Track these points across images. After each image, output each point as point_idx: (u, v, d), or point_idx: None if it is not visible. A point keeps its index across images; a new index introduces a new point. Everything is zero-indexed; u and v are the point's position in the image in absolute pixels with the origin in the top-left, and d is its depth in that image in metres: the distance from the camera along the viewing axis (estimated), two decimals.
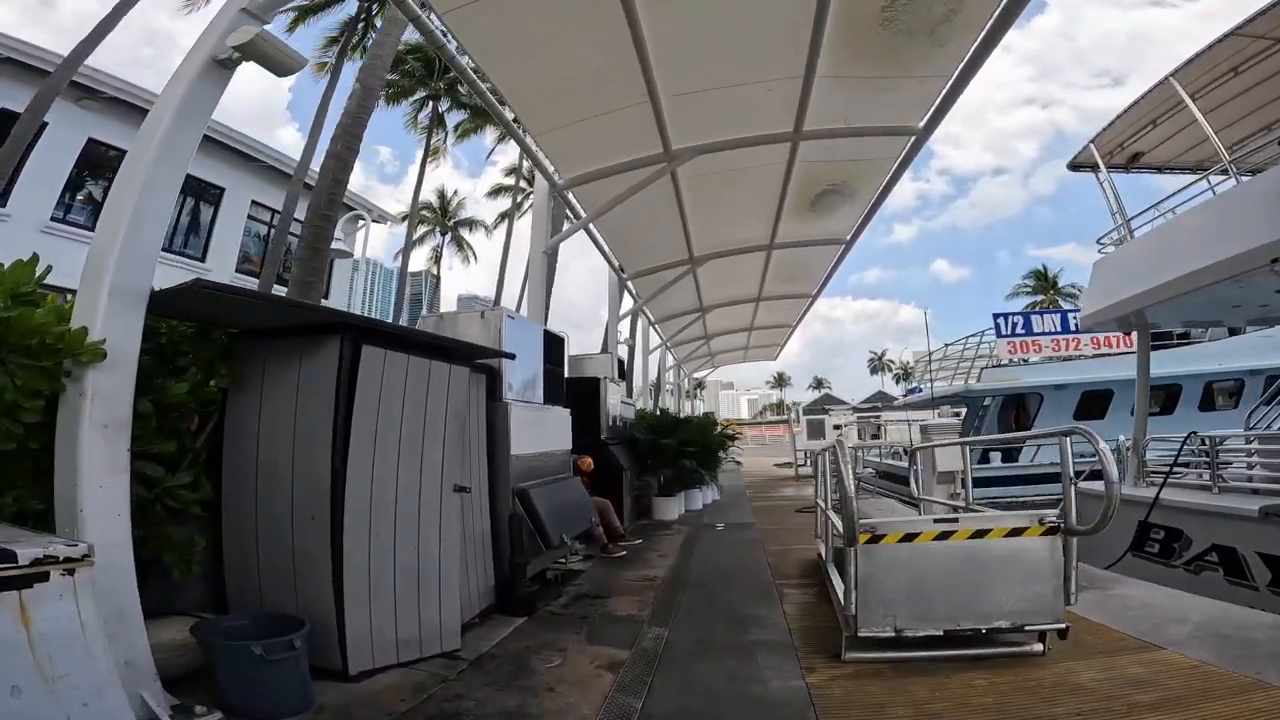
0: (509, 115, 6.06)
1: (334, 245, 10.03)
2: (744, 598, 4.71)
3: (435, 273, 37.41)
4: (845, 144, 6.53)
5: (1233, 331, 13.42)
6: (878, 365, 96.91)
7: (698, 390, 27.16)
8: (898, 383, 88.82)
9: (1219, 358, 13.97)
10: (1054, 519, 3.11)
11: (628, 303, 11.69)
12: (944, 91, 5.38)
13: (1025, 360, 15.55)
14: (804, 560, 5.97)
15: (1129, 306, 6.81)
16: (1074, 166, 8.67)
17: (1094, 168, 8.38)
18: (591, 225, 8.05)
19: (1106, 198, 8.17)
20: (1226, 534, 5.50)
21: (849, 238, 9.71)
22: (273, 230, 17.20)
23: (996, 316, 15.20)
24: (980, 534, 3.15)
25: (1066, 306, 29.02)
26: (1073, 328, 14.91)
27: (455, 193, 36.65)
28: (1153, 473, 7.07)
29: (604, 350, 9.99)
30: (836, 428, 20.55)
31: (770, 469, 21.42)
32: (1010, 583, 3.12)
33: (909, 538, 3.21)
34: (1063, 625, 3.07)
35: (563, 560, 5.62)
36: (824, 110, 5.78)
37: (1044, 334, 15.02)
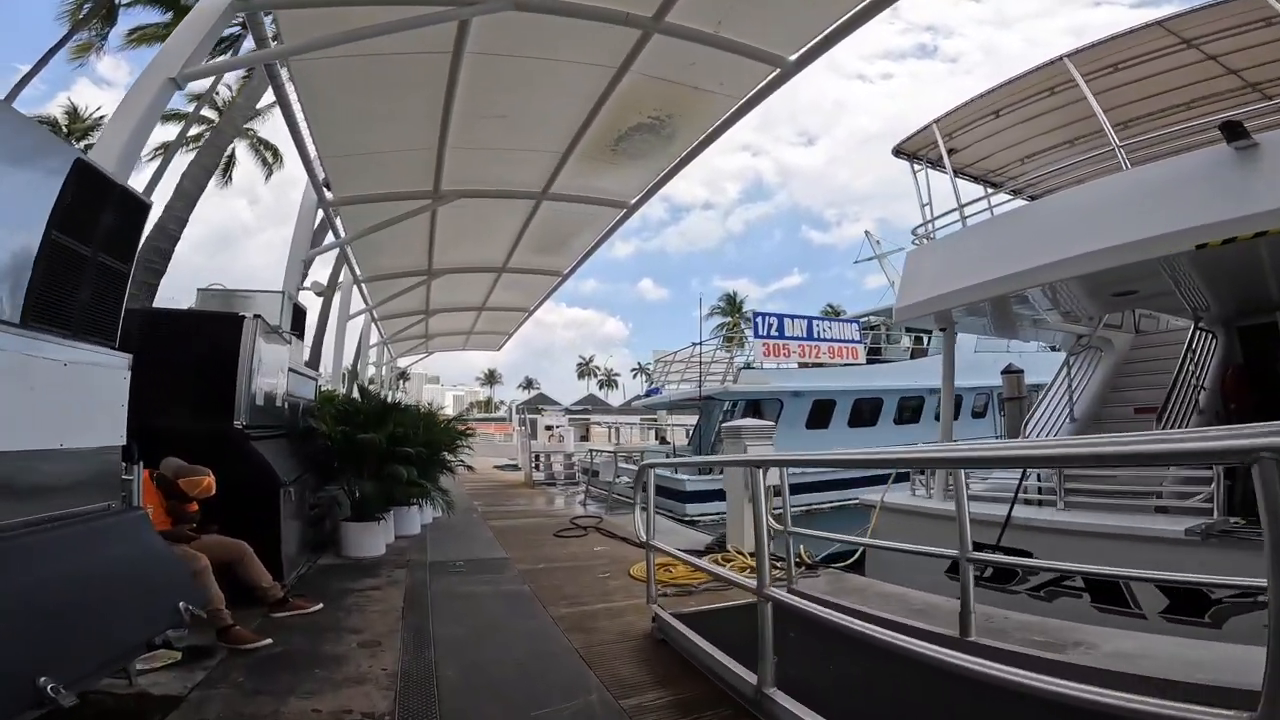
0: None
1: None
2: None
3: None
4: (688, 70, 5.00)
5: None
6: (585, 370, 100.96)
7: (401, 381, 23.09)
8: (601, 388, 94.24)
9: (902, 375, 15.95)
10: None
11: (330, 242, 8.39)
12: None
13: (778, 365, 15.29)
14: (630, 633, 3.72)
15: (935, 306, 6.46)
16: (897, 152, 9.01)
17: (913, 157, 8.85)
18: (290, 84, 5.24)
19: (918, 189, 8.58)
20: (1106, 556, 4.77)
21: (634, 201, 7.86)
22: None
23: (755, 315, 14.30)
24: None
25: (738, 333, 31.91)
26: (816, 335, 15.01)
27: (99, 109, 24.65)
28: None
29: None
30: (548, 428, 18.65)
31: (493, 472, 18.18)
32: None
33: None
34: None
35: (124, 678, 2.64)
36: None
37: (794, 338, 14.64)
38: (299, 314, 6.48)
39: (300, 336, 6.55)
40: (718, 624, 3.29)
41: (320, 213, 7.78)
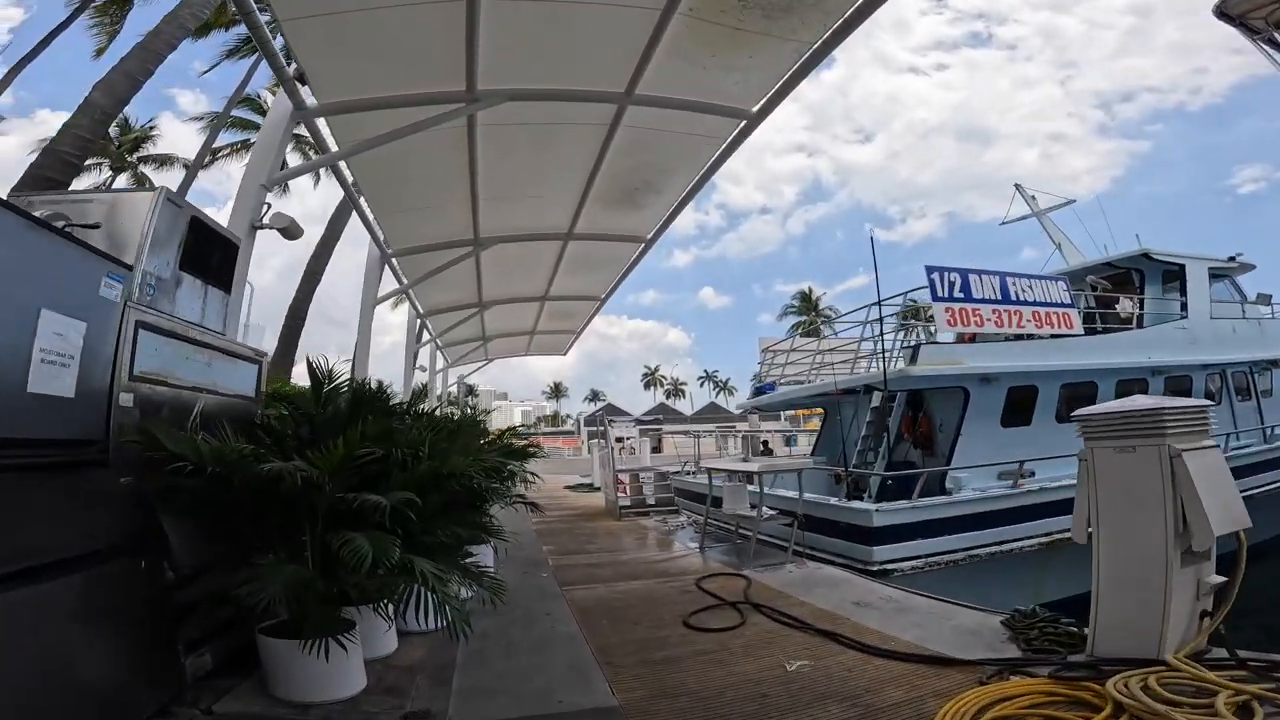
0: None
1: None
2: None
3: None
4: (665, 129, 5.98)
5: None
6: (651, 380, 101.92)
7: (469, 398, 24.37)
8: (669, 397, 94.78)
9: None
10: None
11: (389, 284, 9.65)
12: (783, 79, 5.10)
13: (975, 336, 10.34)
14: None
15: None
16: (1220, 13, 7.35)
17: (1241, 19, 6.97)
18: (348, 172, 6.87)
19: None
20: None
21: (650, 236, 8.94)
22: None
23: (930, 270, 9.28)
24: None
25: (830, 329, 25.19)
26: (1013, 296, 10.05)
27: (152, 123, 26.51)
28: None
29: None
30: (619, 440, 18.20)
31: (564, 495, 15.50)
32: None
33: None
34: None
35: None
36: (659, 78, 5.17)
37: (986, 301, 9.65)
38: (205, 240, 3.78)
39: (225, 287, 4.04)
40: None
41: (385, 267, 9.13)
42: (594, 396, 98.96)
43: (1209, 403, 3.00)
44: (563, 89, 5.29)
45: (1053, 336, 10.06)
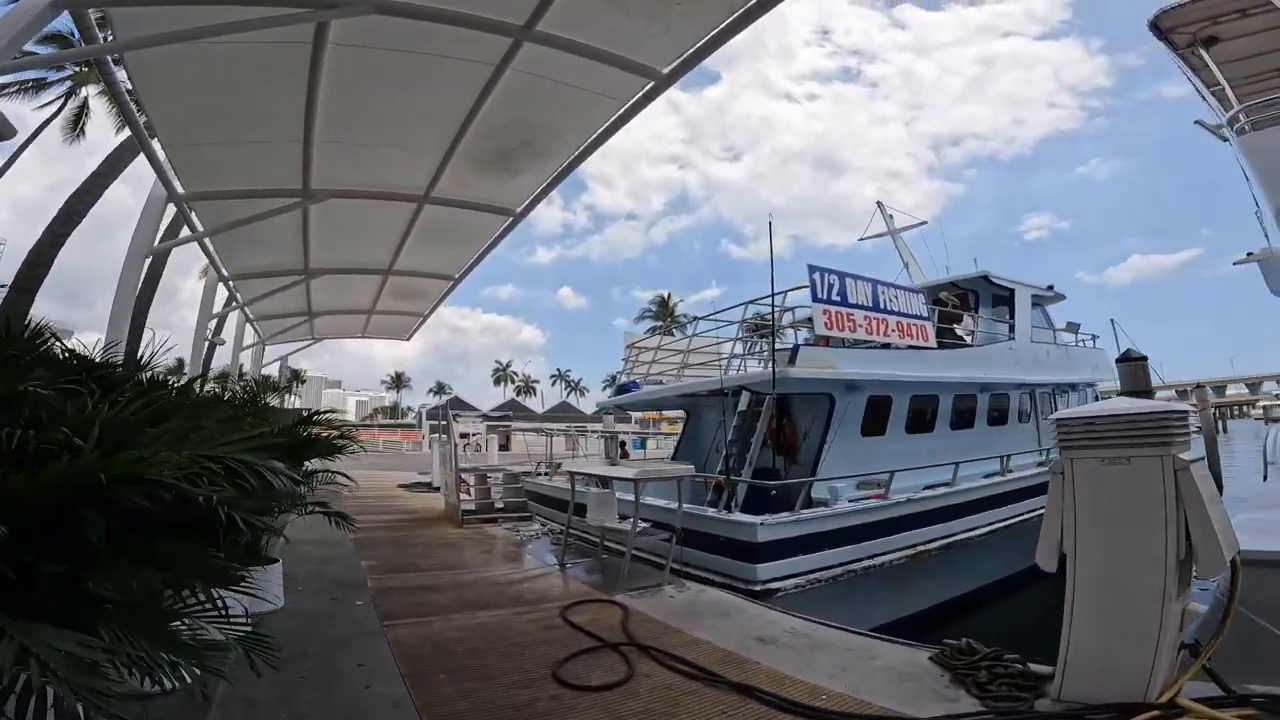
0: None
1: None
2: None
3: None
4: (561, 81, 4.93)
5: None
6: (502, 376, 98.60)
7: (295, 384, 21.26)
8: (520, 394, 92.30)
9: None
10: None
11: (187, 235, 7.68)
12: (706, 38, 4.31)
13: (844, 341, 9.71)
14: None
15: None
16: (1154, 27, 7.39)
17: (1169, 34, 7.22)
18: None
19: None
20: None
21: (520, 209, 7.73)
22: None
23: (813, 270, 8.84)
24: None
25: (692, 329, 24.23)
26: (883, 305, 9.67)
27: None
28: None
29: None
30: (464, 436, 16.77)
31: (396, 493, 14.34)
32: None
33: None
34: None
35: None
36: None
37: (859, 307, 9.25)
38: None
39: None
40: None
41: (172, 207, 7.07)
42: (440, 389, 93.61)
43: (1188, 407, 2.57)
44: (449, 9, 4.06)
45: (910, 348, 10.32)
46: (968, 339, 12.37)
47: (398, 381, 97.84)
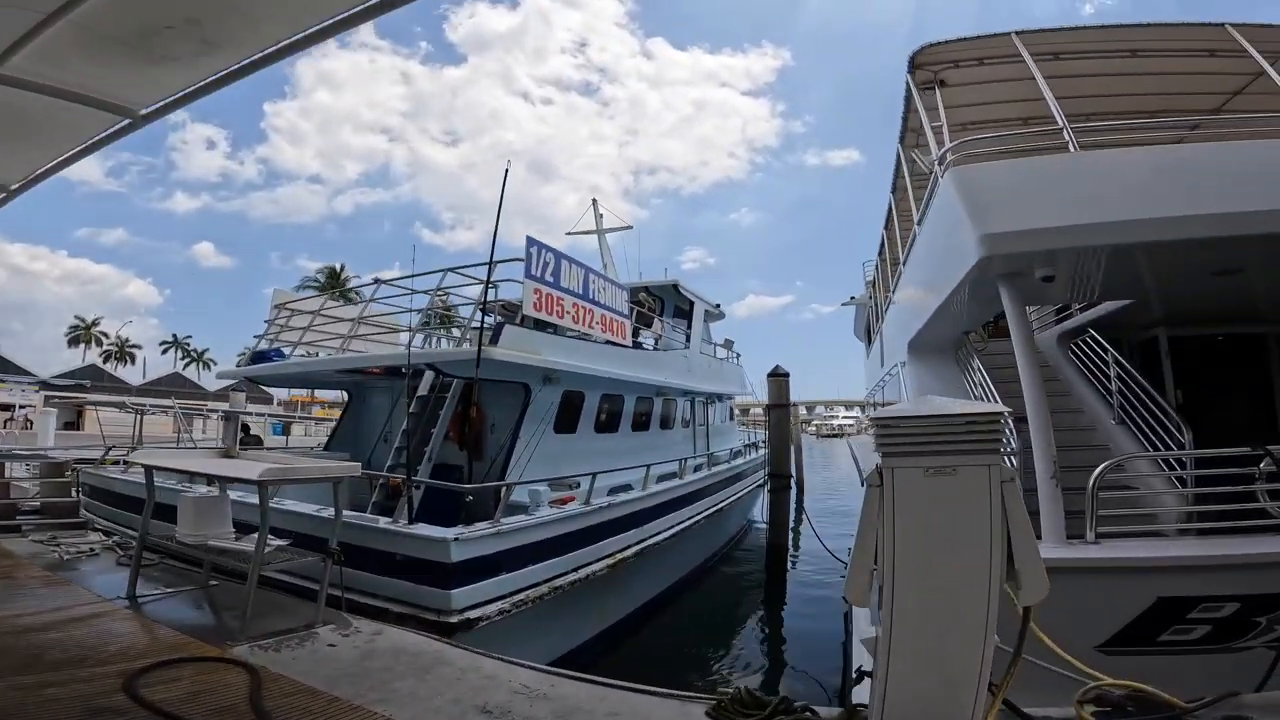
0: None
1: None
2: None
3: None
4: None
5: None
6: (84, 337, 74.03)
7: None
8: (109, 360, 70.56)
9: None
10: None
11: None
12: None
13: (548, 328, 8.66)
14: None
15: (1063, 240, 4.75)
16: (913, 62, 7.80)
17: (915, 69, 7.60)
18: None
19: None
20: None
21: (147, 111, 4.91)
22: None
23: (531, 242, 7.87)
24: None
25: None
26: (592, 295, 9.14)
27: None
28: None
29: None
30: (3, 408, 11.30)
31: None
32: None
33: None
34: None
35: None
36: None
37: (569, 292, 8.54)
38: None
39: None
40: None
41: None
42: None
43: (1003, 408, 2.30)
44: None
45: (608, 343, 10.10)
46: (650, 343, 12.81)
47: None
